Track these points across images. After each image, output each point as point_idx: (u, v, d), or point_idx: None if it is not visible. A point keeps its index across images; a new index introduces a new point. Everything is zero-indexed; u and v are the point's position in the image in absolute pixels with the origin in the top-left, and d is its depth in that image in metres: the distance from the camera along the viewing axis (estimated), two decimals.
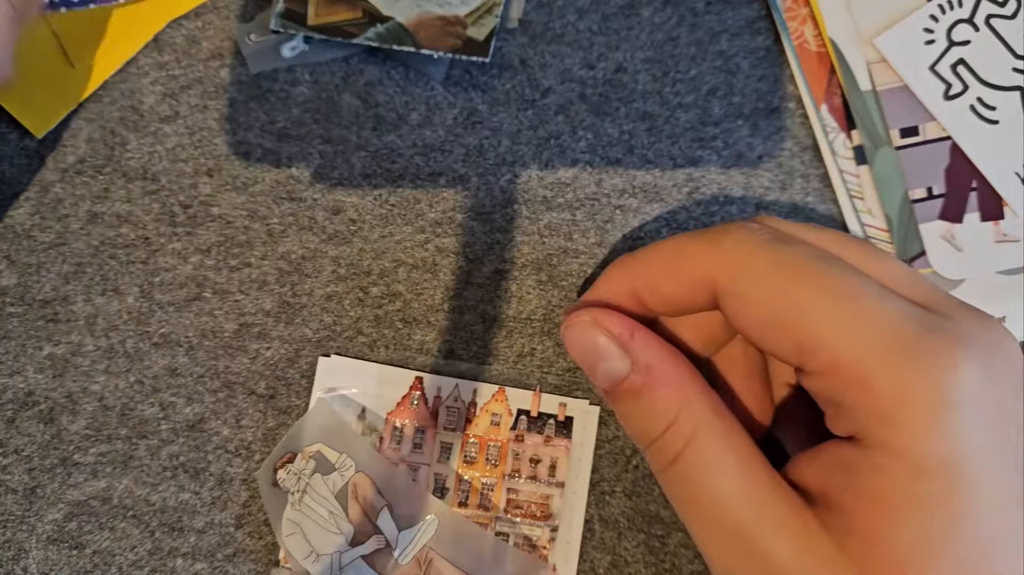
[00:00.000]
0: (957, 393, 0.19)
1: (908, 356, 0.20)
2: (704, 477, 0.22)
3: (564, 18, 0.34)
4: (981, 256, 0.32)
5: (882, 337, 0.20)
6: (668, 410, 0.23)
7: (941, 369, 0.19)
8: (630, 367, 0.23)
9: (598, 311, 0.24)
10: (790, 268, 0.21)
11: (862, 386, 0.20)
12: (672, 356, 0.24)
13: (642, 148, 0.33)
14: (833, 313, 0.21)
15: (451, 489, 0.31)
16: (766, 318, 0.22)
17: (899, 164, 0.33)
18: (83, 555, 0.31)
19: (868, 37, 0.33)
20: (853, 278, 0.21)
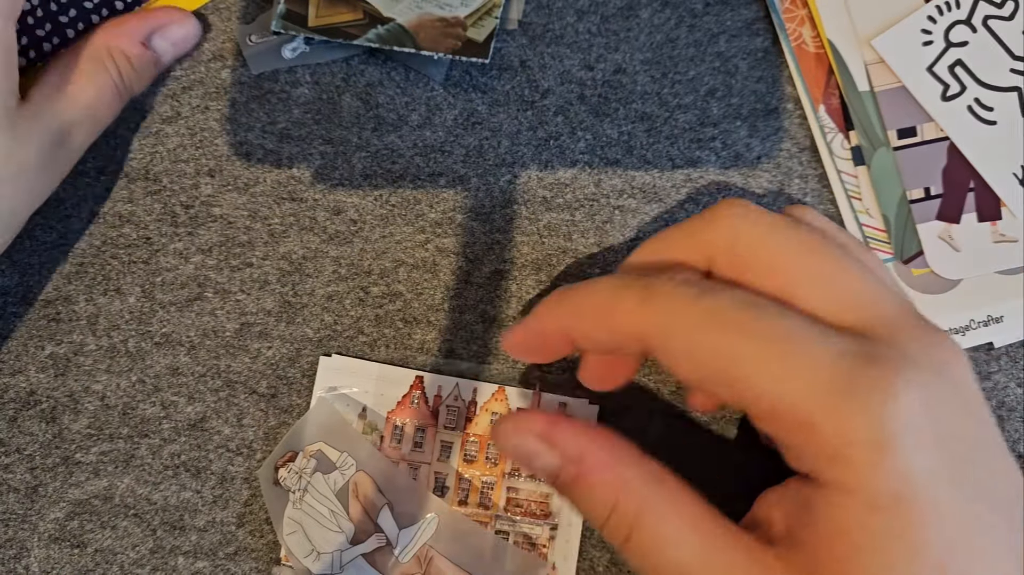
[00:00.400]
0: (898, 424, 0.19)
1: (845, 395, 0.20)
2: (659, 550, 0.22)
3: (563, 19, 0.34)
4: (979, 256, 0.32)
5: (818, 379, 0.20)
6: (607, 496, 0.23)
7: (879, 403, 0.20)
8: (559, 462, 0.23)
9: (518, 415, 0.24)
10: (719, 321, 0.21)
11: (806, 429, 0.20)
12: (600, 438, 0.23)
13: (641, 149, 0.33)
14: (767, 361, 0.21)
15: (451, 488, 0.31)
16: (702, 374, 0.22)
17: (897, 165, 0.33)
18: (85, 554, 0.31)
19: (866, 38, 0.33)
20: (784, 322, 0.21)
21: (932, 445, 0.20)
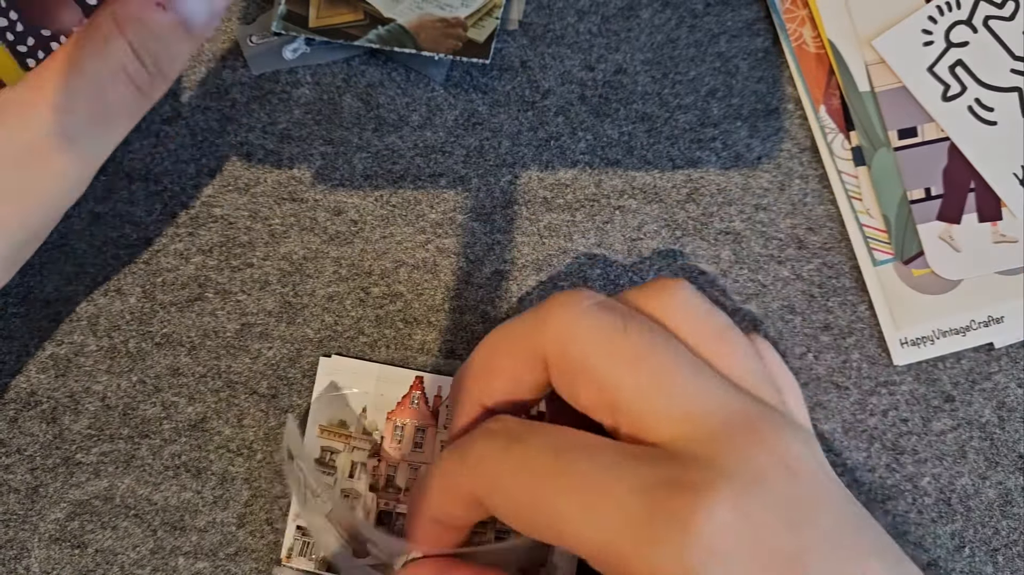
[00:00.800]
0: (701, 554, 0.19)
1: (647, 531, 0.19)
2: None
3: (564, 20, 0.34)
4: (979, 256, 0.32)
5: (623, 519, 0.20)
6: None
7: (679, 535, 0.19)
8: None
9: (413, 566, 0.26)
10: (529, 473, 0.22)
11: (624, 569, 0.20)
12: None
13: (641, 149, 0.33)
14: (578, 509, 0.21)
15: None
16: (525, 526, 0.22)
17: (897, 165, 0.33)
18: (85, 554, 0.31)
19: (867, 38, 0.33)
20: (587, 465, 0.21)
21: (746, 562, 0.19)
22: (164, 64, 0.24)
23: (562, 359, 0.23)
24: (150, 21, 0.23)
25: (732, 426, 0.21)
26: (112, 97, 0.23)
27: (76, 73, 0.23)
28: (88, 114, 0.23)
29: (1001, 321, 0.32)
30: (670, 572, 0.19)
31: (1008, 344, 0.33)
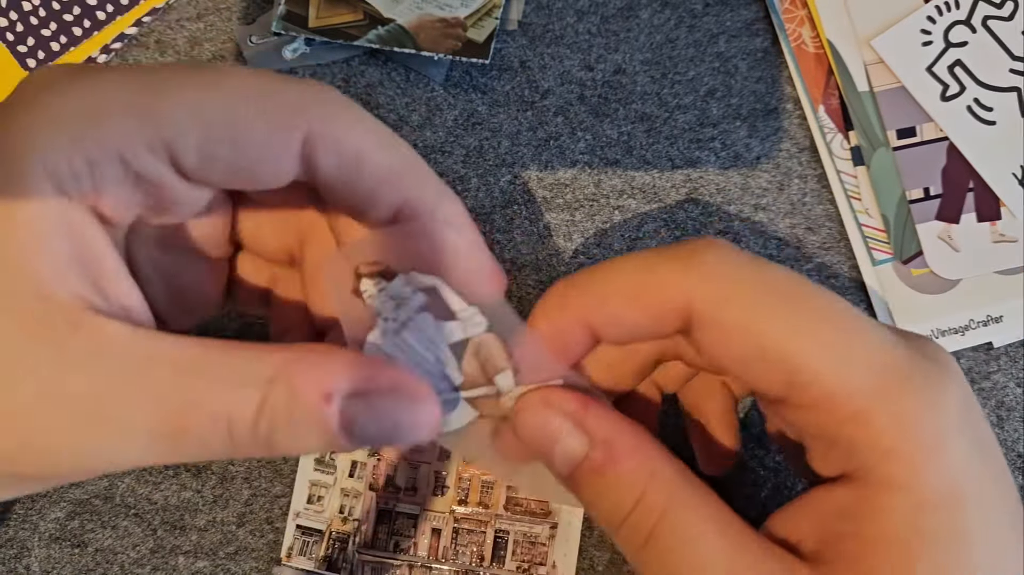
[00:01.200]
0: (952, 421, 0.19)
1: (904, 387, 0.19)
2: (684, 551, 0.20)
3: (563, 20, 0.34)
4: (978, 256, 0.32)
5: (876, 368, 0.19)
6: (635, 484, 0.21)
7: (935, 399, 0.19)
8: (587, 445, 0.21)
9: (549, 390, 0.22)
10: (776, 294, 0.20)
11: (860, 421, 0.19)
12: (631, 427, 0.22)
13: (641, 149, 0.33)
14: (826, 344, 0.19)
15: (451, 487, 0.31)
16: (752, 351, 0.20)
17: (896, 165, 0.33)
18: (85, 553, 0.31)
19: (865, 38, 0.33)
20: (840, 304, 0.20)
21: (975, 444, 0.19)
22: (276, 443, 0.19)
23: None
24: (301, 403, 0.18)
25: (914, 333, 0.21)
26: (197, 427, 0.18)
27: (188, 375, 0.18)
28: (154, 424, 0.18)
29: (1000, 321, 0.32)
30: (922, 431, 0.19)
31: (1007, 343, 0.33)
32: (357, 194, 0.21)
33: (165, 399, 0.18)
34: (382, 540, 0.31)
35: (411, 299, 0.22)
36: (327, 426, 0.18)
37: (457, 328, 0.22)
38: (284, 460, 0.32)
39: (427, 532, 0.31)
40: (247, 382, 0.18)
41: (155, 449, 0.18)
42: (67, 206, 0.18)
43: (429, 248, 0.22)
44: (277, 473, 0.32)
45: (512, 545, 0.31)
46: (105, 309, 0.19)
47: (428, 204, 0.21)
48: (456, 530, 0.31)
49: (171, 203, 0.20)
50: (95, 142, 0.18)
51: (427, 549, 0.31)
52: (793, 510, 0.21)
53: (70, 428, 0.18)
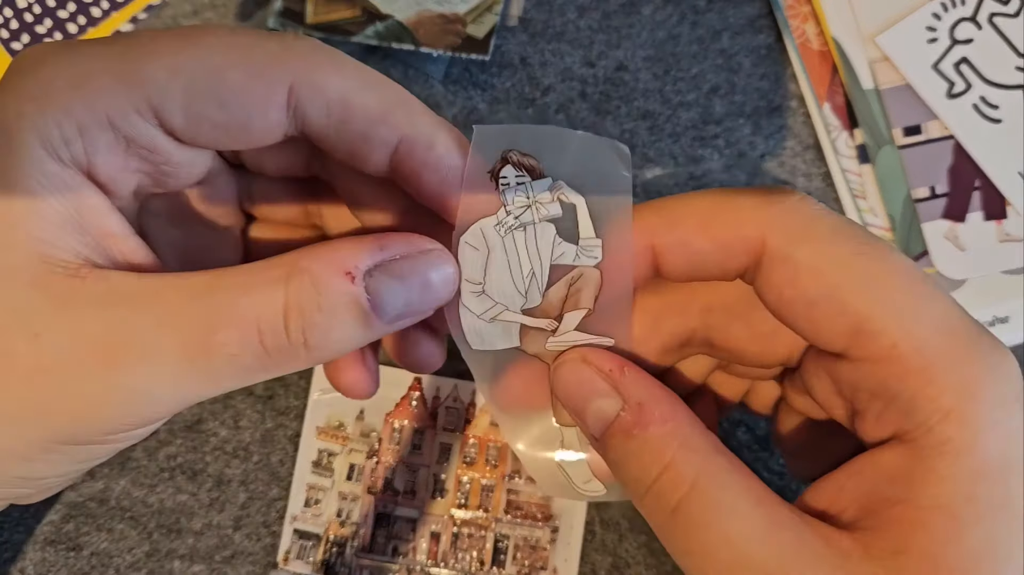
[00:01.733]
0: (1013, 391, 0.18)
1: (971, 348, 0.19)
2: (714, 524, 0.19)
3: (564, 16, 0.34)
4: (984, 255, 0.32)
5: (946, 326, 0.19)
6: (663, 449, 0.20)
7: (999, 367, 0.19)
8: (620, 406, 0.21)
9: (587, 349, 0.22)
10: (854, 241, 0.20)
11: (924, 377, 0.18)
12: (665, 393, 0.21)
13: (643, 147, 0.33)
14: (898, 295, 0.19)
15: (450, 490, 0.31)
16: (822, 292, 0.19)
17: (902, 163, 0.32)
18: (81, 556, 0.31)
19: (870, 35, 0.33)
20: (914, 267, 0.20)
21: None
22: (313, 340, 0.19)
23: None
24: (325, 284, 0.19)
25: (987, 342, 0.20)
26: (225, 342, 0.18)
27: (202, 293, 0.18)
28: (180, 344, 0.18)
29: (1006, 321, 0.32)
30: (987, 394, 0.18)
31: (1014, 344, 0.32)
32: (352, 139, 0.21)
33: (185, 322, 0.18)
34: (380, 544, 0.31)
35: (547, 206, 0.22)
36: (358, 305, 0.19)
37: (571, 251, 0.22)
38: (281, 463, 0.31)
39: (426, 536, 0.31)
40: (266, 284, 0.18)
41: (189, 377, 0.18)
42: (61, 171, 0.18)
43: (434, 177, 0.21)
44: (274, 476, 0.31)
45: (512, 549, 0.31)
46: (109, 266, 0.19)
47: (425, 137, 0.21)
48: (455, 534, 0.31)
49: (167, 168, 0.21)
50: (83, 108, 0.18)
51: (426, 553, 0.31)
52: (833, 480, 0.20)
53: (98, 370, 0.18)
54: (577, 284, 0.23)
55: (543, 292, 0.22)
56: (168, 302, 0.18)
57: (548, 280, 0.22)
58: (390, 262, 0.20)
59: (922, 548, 0.18)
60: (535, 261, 0.22)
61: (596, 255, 0.22)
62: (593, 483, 0.23)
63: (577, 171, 0.22)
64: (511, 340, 0.23)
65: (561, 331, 0.22)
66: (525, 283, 0.23)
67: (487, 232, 0.22)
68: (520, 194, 0.22)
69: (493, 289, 0.23)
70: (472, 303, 0.22)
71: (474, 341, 0.23)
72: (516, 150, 0.22)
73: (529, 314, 0.22)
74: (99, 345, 0.18)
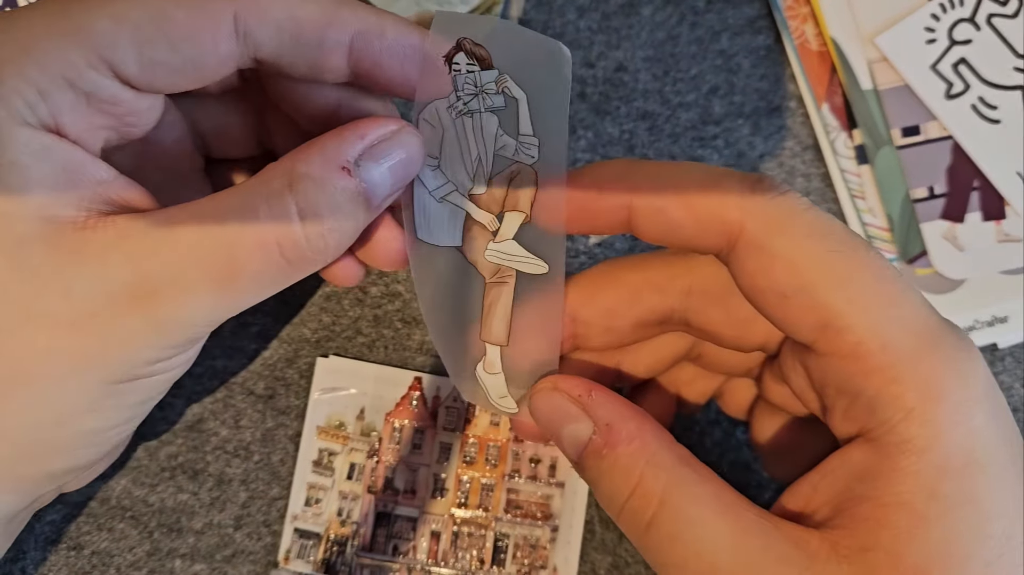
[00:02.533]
0: (977, 392, 0.19)
1: (936, 347, 0.19)
2: (686, 535, 0.20)
3: (564, 16, 0.34)
4: (983, 256, 0.32)
5: (911, 330, 0.19)
6: (632, 467, 0.21)
7: (963, 368, 0.19)
8: (592, 429, 0.22)
9: (558, 376, 0.23)
10: (831, 238, 0.20)
11: (888, 376, 0.19)
12: (632, 412, 0.22)
13: (643, 147, 0.33)
14: (868, 293, 0.19)
15: (450, 490, 0.31)
16: (795, 284, 0.20)
17: (900, 163, 0.32)
18: (81, 556, 0.31)
19: (869, 36, 0.33)
20: (887, 266, 0.20)
21: (996, 415, 0.19)
22: (332, 240, 0.20)
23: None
24: (329, 184, 0.20)
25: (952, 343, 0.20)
26: (249, 263, 0.20)
27: (214, 221, 0.19)
28: (208, 273, 0.19)
29: (1005, 321, 0.32)
30: (950, 393, 0.19)
31: (1012, 344, 0.32)
32: (307, 51, 0.21)
33: (207, 250, 0.19)
34: (381, 543, 0.31)
35: (491, 97, 0.23)
36: (360, 194, 0.20)
37: (511, 145, 0.23)
38: (282, 462, 0.31)
39: (426, 535, 0.31)
40: (272, 198, 0.19)
41: (219, 299, 0.20)
42: (34, 135, 0.19)
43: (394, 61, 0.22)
44: (274, 475, 0.31)
45: (512, 548, 0.31)
46: (112, 211, 0.20)
47: (375, 26, 0.21)
48: (456, 533, 0.31)
49: (130, 119, 0.21)
50: (38, 71, 0.19)
51: (426, 552, 0.31)
52: (807, 480, 0.21)
53: (133, 309, 0.19)
54: (516, 181, 0.23)
55: (487, 180, 0.24)
56: (184, 234, 0.19)
57: (492, 169, 0.24)
58: (371, 148, 0.21)
59: (886, 545, 0.18)
60: (481, 147, 0.23)
61: (533, 154, 0.23)
62: (507, 400, 0.25)
63: (523, 67, 0.23)
64: (455, 236, 0.24)
65: (501, 236, 0.23)
66: (473, 166, 0.24)
67: (441, 112, 0.23)
68: (469, 81, 0.23)
69: (446, 166, 0.24)
70: (428, 177, 0.24)
71: (421, 227, 0.24)
72: (469, 39, 0.22)
73: (475, 202, 0.24)
74: (127, 289, 0.19)
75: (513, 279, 0.24)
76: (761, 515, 0.20)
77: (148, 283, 0.19)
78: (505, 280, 0.24)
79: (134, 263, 0.19)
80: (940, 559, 0.18)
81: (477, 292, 0.24)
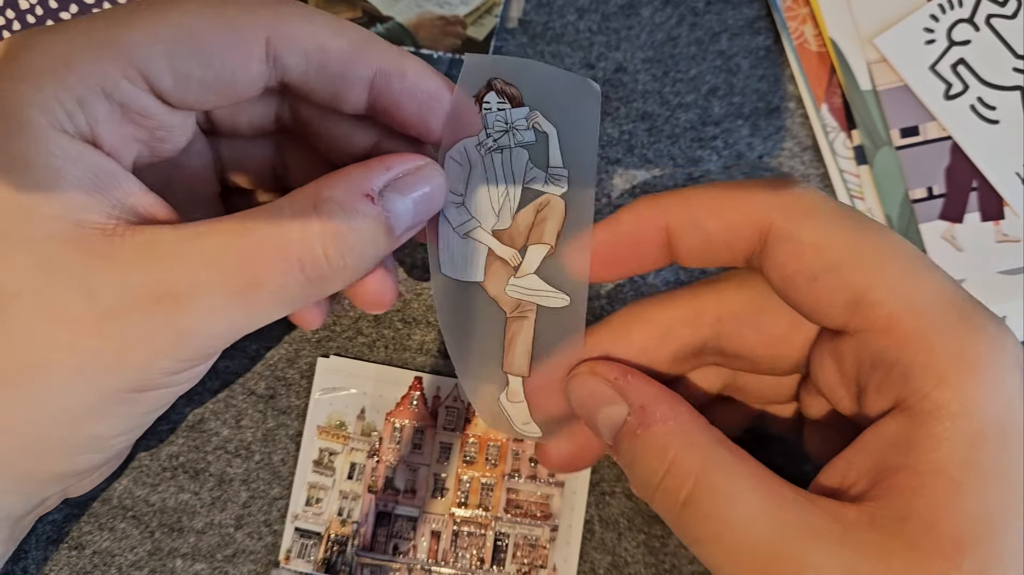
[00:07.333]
0: (1009, 360, 0.19)
1: (967, 318, 0.19)
2: (722, 510, 0.20)
3: (564, 18, 0.34)
4: (981, 256, 0.32)
5: (942, 298, 0.20)
6: (667, 447, 0.21)
7: (994, 337, 0.19)
8: (627, 411, 0.22)
9: (594, 361, 0.24)
10: (853, 221, 0.21)
11: (920, 344, 0.19)
12: (666, 395, 0.23)
13: (642, 148, 0.33)
14: (896, 268, 0.20)
15: (450, 489, 0.31)
16: (824, 265, 0.21)
17: (899, 164, 0.33)
18: (83, 555, 0.31)
19: (868, 37, 0.33)
20: (907, 242, 0.21)
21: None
22: (351, 260, 0.21)
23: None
24: (352, 208, 0.21)
25: (982, 314, 0.21)
26: (270, 277, 0.20)
27: (239, 235, 0.20)
28: (229, 285, 0.20)
29: (1004, 321, 0.32)
30: (981, 360, 0.19)
31: None
32: (330, 80, 0.22)
33: (230, 263, 0.19)
34: (381, 543, 0.31)
35: (522, 132, 0.24)
36: (382, 222, 0.21)
37: (540, 177, 0.24)
38: (283, 462, 0.32)
39: (426, 535, 0.31)
40: (297, 217, 0.20)
41: (239, 313, 0.20)
42: (71, 143, 0.19)
43: (411, 103, 0.23)
44: (275, 475, 0.32)
45: (512, 548, 0.31)
46: (138, 222, 0.20)
47: (397, 67, 0.22)
48: (456, 533, 0.31)
49: (160, 133, 0.22)
50: (77, 81, 0.19)
51: (426, 552, 0.31)
52: (843, 456, 0.21)
53: (154, 317, 0.19)
54: (543, 212, 0.24)
55: (513, 215, 0.24)
56: (208, 246, 0.19)
57: (519, 203, 0.24)
58: (395, 180, 0.22)
59: (922, 514, 0.18)
60: (509, 181, 0.24)
61: (563, 185, 0.24)
62: (531, 426, 0.25)
63: (552, 103, 0.23)
64: (477, 272, 0.24)
65: (523, 271, 0.24)
66: (499, 201, 0.24)
67: (469, 150, 0.24)
68: (500, 119, 0.24)
69: (471, 202, 0.24)
70: (451, 213, 0.24)
71: (446, 263, 0.24)
72: (500, 78, 0.23)
73: (498, 237, 0.24)
74: (151, 293, 0.19)
75: (533, 313, 0.24)
76: (797, 491, 0.20)
77: (171, 290, 0.19)
78: (526, 315, 0.25)
79: (158, 270, 0.19)
80: (974, 529, 0.18)
81: (499, 326, 0.24)
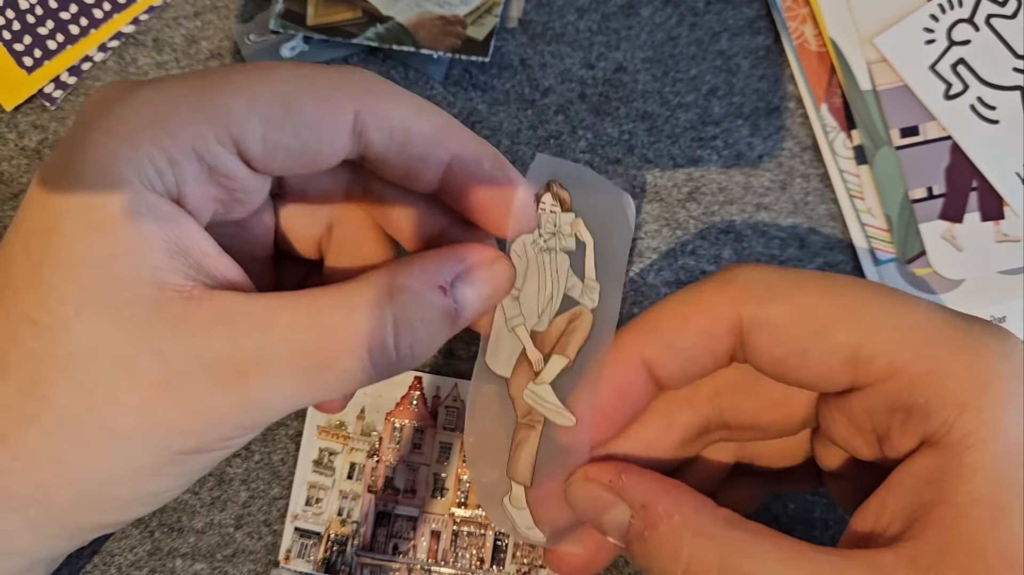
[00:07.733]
0: (1020, 360, 0.19)
1: (966, 337, 0.19)
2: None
3: (564, 18, 0.34)
4: (981, 256, 0.32)
5: (933, 327, 0.19)
6: (679, 545, 0.20)
7: (1002, 350, 0.19)
8: (630, 513, 0.21)
9: (589, 464, 0.23)
10: (817, 284, 0.21)
11: (932, 380, 0.19)
12: (666, 486, 0.22)
13: (642, 148, 0.33)
14: (878, 314, 0.20)
15: (450, 489, 0.31)
16: (809, 337, 0.20)
17: (899, 164, 0.33)
18: (82, 555, 0.31)
19: (868, 36, 0.33)
20: (877, 285, 0.21)
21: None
22: (417, 351, 0.21)
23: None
24: (426, 300, 0.21)
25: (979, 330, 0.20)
26: (339, 360, 0.20)
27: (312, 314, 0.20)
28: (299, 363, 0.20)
29: (1003, 321, 0.32)
30: (998, 381, 0.19)
31: None
32: (409, 160, 0.22)
33: (302, 342, 0.20)
34: (381, 542, 0.31)
35: (566, 238, 0.24)
36: (450, 314, 0.21)
37: (579, 287, 0.24)
38: (283, 462, 0.32)
39: (426, 534, 0.31)
40: (370, 304, 0.20)
41: (304, 390, 0.20)
42: (159, 202, 0.19)
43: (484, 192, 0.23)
44: (275, 475, 0.32)
45: (512, 548, 0.31)
46: (212, 285, 0.20)
47: (475, 155, 0.22)
48: (456, 532, 0.31)
49: (240, 195, 0.22)
50: (171, 141, 0.19)
51: (426, 552, 0.31)
52: (875, 498, 0.20)
53: (223, 385, 0.19)
54: (574, 324, 0.24)
55: (552, 319, 0.24)
56: (282, 323, 0.20)
57: (558, 309, 0.24)
58: (466, 271, 0.22)
59: (966, 542, 0.18)
60: (555, 285, 0.24)
61: (595, 297, 0.24)
62: (534, 531, 0.25)
63: (593, 212, 0.24)
64: (508, 368, 0.25)
65: (541, 379, 0.24)
66: (544, 303, 0.24)
67: (527, 246, 0.24)
68: (551, 221, 0.24)
69: (523, 298, 0.24)
70: (507, 304, 0.24)
71: (490, 352, 0.24)
72: (557, 182, 0.24)
73: (533, 338, 0.24)
74: (223, 363, 0.19)
75: (541, 424, 0.24)
76: (829, 552, 0.19)
77: (242, 361, 0.19)
78: (534, 425, 0.25)
79: (232, 339, 0.19)
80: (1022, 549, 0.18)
81: (510, 428, 0.25)
